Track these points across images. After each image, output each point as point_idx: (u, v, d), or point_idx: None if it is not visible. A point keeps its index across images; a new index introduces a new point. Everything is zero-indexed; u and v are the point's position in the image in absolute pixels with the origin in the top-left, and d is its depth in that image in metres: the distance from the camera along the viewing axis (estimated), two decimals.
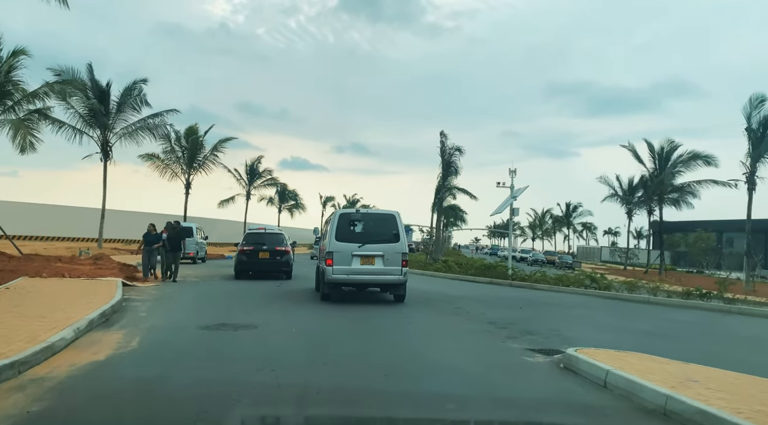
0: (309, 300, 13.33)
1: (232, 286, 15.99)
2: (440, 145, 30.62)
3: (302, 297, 13.93)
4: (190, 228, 26.65)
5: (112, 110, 30.67)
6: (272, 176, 51.87)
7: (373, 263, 11.82)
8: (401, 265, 11.94)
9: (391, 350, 7.43)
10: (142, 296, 12.32)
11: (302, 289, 16.08)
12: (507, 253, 72.93)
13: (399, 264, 11.90)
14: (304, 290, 15.88)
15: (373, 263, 11.82)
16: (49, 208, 44.39)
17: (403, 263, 11.97)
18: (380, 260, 11.83)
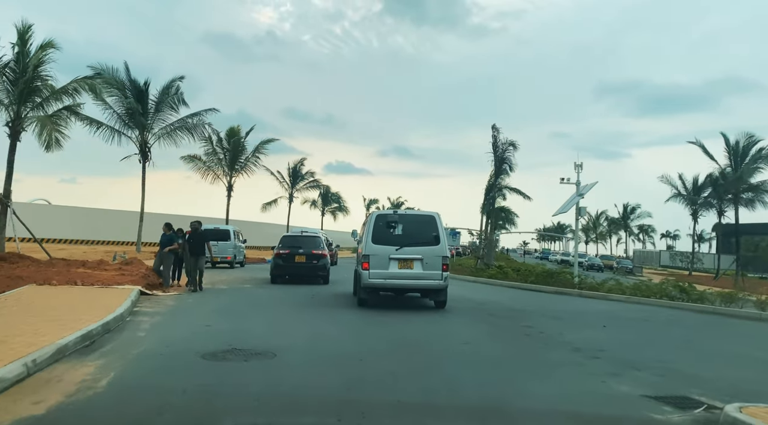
0: (344, 309, 11.46)
1: (262, 294, 14.17)
2: (492, 140, 28.25)
3: (337, 306, 12.04)
4: (226, 231, 25.21)
5: (151, 109, 29.68)
6: (315, 178, 50.48)
7: (411, 267, 11.10)
8: (441, 269, 11.17)
9: (453, 393, 5.27)
10: (155, 308, 10.58)
11: (338, 295, 14.38)
12: (561, 257, 69.20)
13: (439, 268, 11.14)
14: (340, 296, 14.19)
15: (411, 267, 11.10)
16: (98, 212, 44.37)
17: (444, 268, 11.18)
18: (419, 264, 11.09)
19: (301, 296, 13.89)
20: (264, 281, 18.71)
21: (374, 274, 11.12)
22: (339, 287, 17.19)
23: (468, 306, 12.87)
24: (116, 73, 28.37)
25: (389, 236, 11.31)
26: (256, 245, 56.15)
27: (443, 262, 11.23)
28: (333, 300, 13.35)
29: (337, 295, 14.73)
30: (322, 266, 17.39)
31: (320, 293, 15.20)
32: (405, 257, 11.10)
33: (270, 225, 56.90)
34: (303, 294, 14.48)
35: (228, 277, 19.48)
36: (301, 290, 15.61)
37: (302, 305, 12.23)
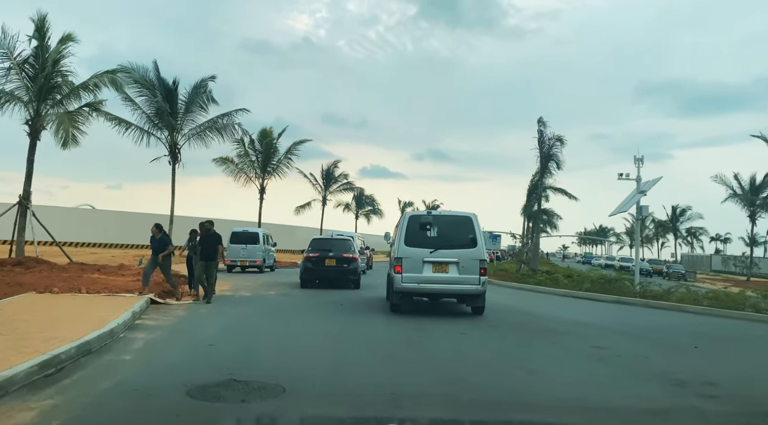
0: (375, 320, 9.90)
1: (286, 303, 12.64)
2: (538, 135, 26.09)
3: (368, 315, 10.54)
4: (255, 234, 23.95)
5: (180, 109, 28.74)
6: (348, 180, 49.06)
7: (446, 271, 10.43)
8: (479, 273, 10.46)
9: None
10: (160, 320, 9.15)
11: (370, 302, 13.05)
12: (605, 261, 65.72)
13: (476, 273, 10.44)
14: (372, 303, 12.86)
15: (446, 271, 10.43)
16: (137, 216, 43.99)
17: (481, 272, 10.48)
18: (455, 268, 10.43)
19: (328, 305, 12.32)
20: (292, 286, 17.26)
21: (407, 278, 10.47)
22: (371, 292, 15.95)
23: (520, 320, 11.03)
24: (146, 73, 27.60)
25: (423, 238, 10.62)
26: (289, 249, 55.18)
27: (481, 266, 10.47)
28: (364, 309, 11.84)
29: (369, 302, 13.23)
30: (353, 270, 16.65)
31: (350, 299, 13.67)
32: (440, 260, 10.41)
33: (303, 229, 55.83)
34: (331, 302, 12.91)
35: (254, 282, 18.10)
36: (329, 297, 14.07)
37: (328, 315, 10.64)
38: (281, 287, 16.89)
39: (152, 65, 27.77)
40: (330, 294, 15.12)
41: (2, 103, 17.17)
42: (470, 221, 10.73)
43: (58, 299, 10.10)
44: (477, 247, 10.53)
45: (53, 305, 9.25)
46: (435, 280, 10.45)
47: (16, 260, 16.02)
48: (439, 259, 10.43)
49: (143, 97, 27.82)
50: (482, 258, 10.58)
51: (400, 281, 10.52)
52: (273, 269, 26.40)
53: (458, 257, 10.42)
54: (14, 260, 16.04)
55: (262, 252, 23.99)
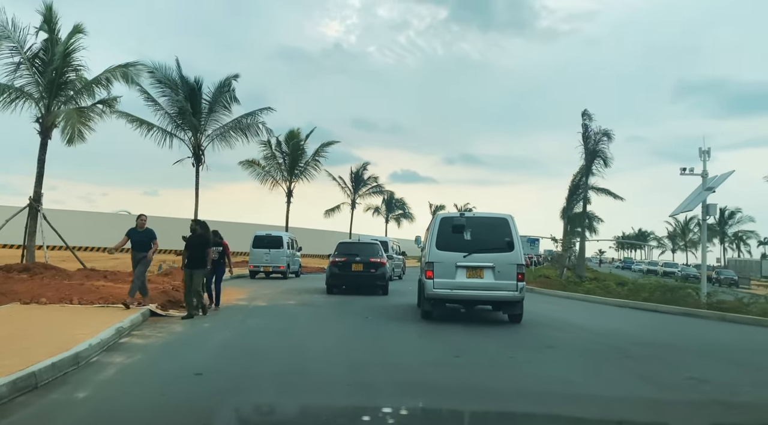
0: (405, 334, 8.21)
1: (304, 315, 11.05)
2: (582, 129, 23.90)
3: (396, 329, 8.92)
4: (279, 238, 22.54)
5: (204, 109, 27.70)
6: (378, 183, 47.52)
7: (481, 277, 9.84)
8: (516, 279, 9.80)
9: None
10: (151, 337, 7.67)
11: (399, 311, 12.18)
12: (646, 267, 62.01)
13: (513, 278, 9.79)
14: (401, 312, 12.02)
15: (481, 277, 9.84)
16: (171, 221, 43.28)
17: (519, 277, 9.83)
18: (490, 273, 9.83)
19: (351, 317, 10.72)
20: (315, 293, 15.75)
21: (439, 284, 9.85)
22: (400, 299, 14.89)
23: (582, 338, 9.16)
24: (169, 73, 26.66)
25: (456, 242, 9.98)
26: (317, 254, 53.98)
27: (518, 271, 9.81)
28: (392, 320, 10.40)
29: (398, 311, 11.87)
30: (381, 275, 15.91)
31: (377, 309, 12.18)
32: (474, 265, 9.79)
33: (332, 233, 54.59)
34: (355, 313, 11.33)
35: (275, 290, 16.63)
36: (354, 306, 12.51)
37: (351, 331, 9.03)
38: (303, 294, 15.36)
39: (174, 64, 26.85)
40: (355, 302, 13.55)
41: (12, 100, 16.21)
42: (506, 223, 10.09)
43: (41, 311, 8.76)
44: (514, 251, 9.86)
45: (29, 319, 7.89)
46: (469, 286, 9.80)
47: (23, 266, 14.94)
48: (473, 263, 9.77)
49: (165, 98, 26.94)
50: (520, 263, 9.88)
51: (432, 287, 9.88)
52: (298, 274, 24.97)
53: (494, 261, 9.77)
54: (21, 266, 14.97)
55: (287, 257, 22.57)
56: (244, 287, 17.43)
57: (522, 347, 7.96)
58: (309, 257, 51.05)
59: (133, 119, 25.99)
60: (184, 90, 27.15)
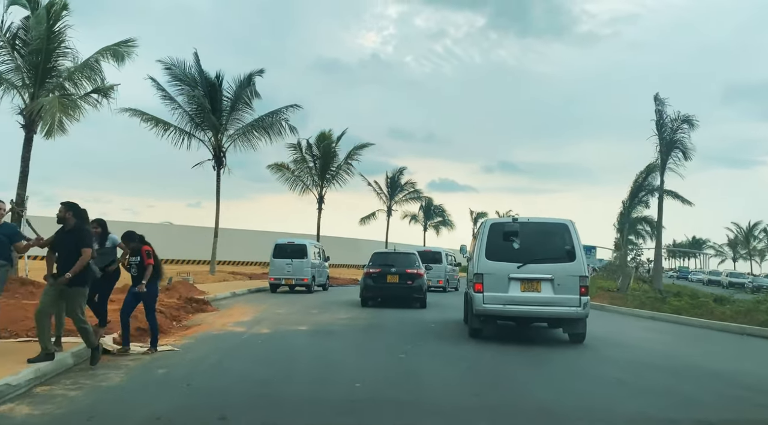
0: (454, 359, 4.87)
1: (312, 350, 7.98)
2: (656, 116, 20.01)
3: (441, 352, 5.67)
4: (302, 246, 19.69)
5: (225, 108, 25.30)
6: (416, 188, 44.39)
7: (538, 290, 8.64)
8: (579, 293, 8.51)
9: None
10: (54, 401, 4.79)
11: (441, 330, 10.63)
12: (708, 277, 56.03)
13: (575, 292, 8.53)
14: (445, 333, 10.34)
15: (538, 290, 8.64)
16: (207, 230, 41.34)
17: (582, 291, 8.53)
18: (548, 286, 8.62)
19: (377, 354, 7.67)
20: (339, 312, 12.86)
21: (490, 298, 8.83)
22: (441, 314, 13.47)
23: (727, 396, 5.79)
24: (188, 69, 24.41)
25: (508, 251, 8.96)
26: (352, 264, 51.13)
27: (581, 283, 8.68)
28: (434, 335, 9.16)
29: (441, 331, 10.36)
30: (418, 287, 14.94)
31: (414, 330, 10.02)
32: (530, 277, 8.80)
33: (367, 242, 51.72)
34: (384, 345, 8.33)
35: (290, 308, 13.71)
36: (385, 332, 9.67)
37: (373, 380, 5.92)
38: (323, 314, 12.39)
39: (193, 58, 24.56)
40: (388, 324, 10.86)
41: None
42: (566, 229, 9.02)
43: None
44: (576, 260, 8.76)
45: None
46: (524, 301, 8.75)
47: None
48: (528, 275, 8.77)
49: (183, 96, 24.71)
50: (583, 274, 8.72)
51: (482, 302, 8.84)
52: (326, 287, 22.03)
53: (552, 272, 8.72)
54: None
55: (312, 268, 19.68)
56: (257, 304, 14.61)
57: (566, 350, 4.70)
58: (342, 267, 48.28)
59: (148, 117, 23.85)
60: (204, 86, 24.86)
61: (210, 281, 22.66)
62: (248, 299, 16.50)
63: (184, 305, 12.38)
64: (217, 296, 16.06)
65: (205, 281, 22.31)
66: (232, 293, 17.63)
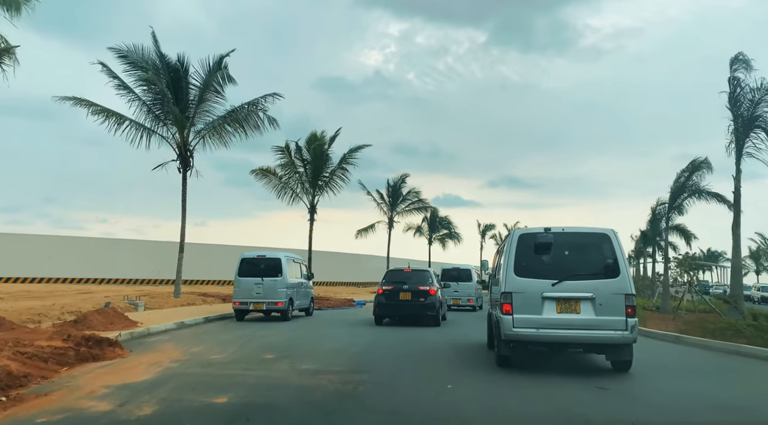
0: None
1: None
2: (729, 86, 15.53)
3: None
4: (275, 261, 15.35)
5: (193, 99, 21.18)
6: (420, 198, 39.99)
7: (577, 311, 7.44)
8: (625, 314, 7.33)
9: None
10: None
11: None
12: (752, 292, 50.79)
13: (621, 312, 7.34)
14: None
15: (577, 311, 7.44)
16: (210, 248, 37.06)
17: (629, 311, 7.35)
18: (589, 306, 7.43)
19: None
20: (311, 355, 8.40)
21: (520, 321, 7.46)
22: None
23: None
24: (147, 53, 20.36)
25: (541, 266, 7.71)
26: (351, 281, 46.63)
27: (627, 303, 7.31)
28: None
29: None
30: (431, 304, 14.50)
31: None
32: (567, 295, 7.42)
33: (369, 257, 47.44)
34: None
35: (234, 352, 9.30)
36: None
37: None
38: (279, 363, 8.01)
39: (151, 40, 20.47)
40: (381, 374, 6.31)
41: None
42: (607, 239, 7.72)
43: None
44: (620, 276, 7.46)
45: None
46: (561, 324, 7.38)
47: None
48: (565, 294, 7.45)
49: (142, 86, 20.63)
50: (629, 292, 7.39)
51: (511, 326, 7.49)
52: (309, 312, 17.60)
53: (593, 290, 7.41)
54: None
55: (288, 289, 15.32)
56: (194, 344, 10.23)
57: None
58: (339, 285, 43.82)
59: (97, 109, 19.73)
60: (165, 73, 20.74)
61: (169, 306, 18.32)
62: (195, 333, 12.16)
63: (68, 350, 8.06)
64: (152, 330, 11.76)
65: (162, 306, 17.99)
66: (179, 323, 13.30)
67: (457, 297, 20.67)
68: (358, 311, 20.90)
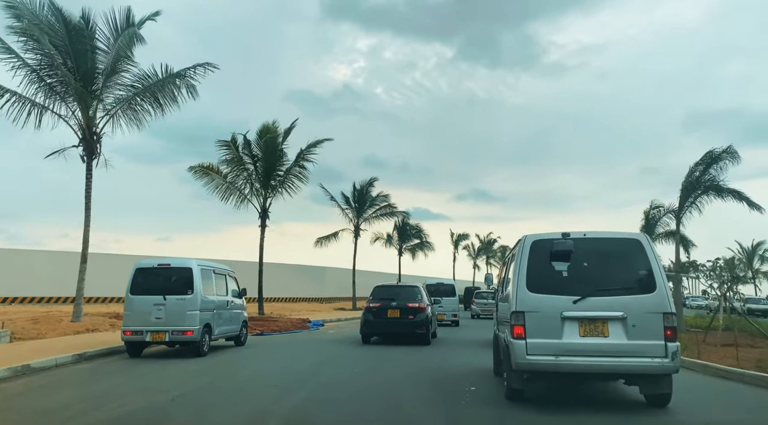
0: None
1: None
2: None
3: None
4: (185, 271, 10.85)
5: (101, 69, 16.57)
6: (389, 202, 35.83)
7: (604, 334, 6.07)
8: (664, 336, 5.95)
9: None
10: None
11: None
12: (706, 302, 48.21)
13: (659, 336, 5.97)
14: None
15: (604, 334, 6.07)
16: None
17: (668, 334, 5.95)
18: (619, 328, 6.06)
19: None
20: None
21: (536, 347, 6.10)
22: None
23: None
24: (39, 9, 15.72)
25: (559, 279, 6.39)
26: (315, 297, 41.96)
27: (666, 324, 5.97)
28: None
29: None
30: (420, 322, 13.58)
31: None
32: (592, 315, 6.12)
33: (333, 269, 42.98)
34: None
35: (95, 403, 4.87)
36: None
37: None
38: None
39: None
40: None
41: None
42: (639, 246, 6.36)
43: None
44: (656, 290, 6.09)
45: None
46: (585, 350, 6.02)
47: None
48: (590, 313, 6.12)
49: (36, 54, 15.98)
50: (668, 310, 5.99)
51: (524, 353, 6.12)
52: (242, 340, 13.04)
53: (624, 308, 6.07)
54: None
55: (203, 311, 10.82)
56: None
57: None
58: (300, 301, 39.12)
59: None
60: (64, 36, 16.19)
61: (54, 334, 13.62)
62: (23, 390, 7.57)
63: None
64: None
65: (44, 335, 13.36)
66: (25, 366, 8.72)
67: (441, 312, 20.41)
68: (313, 336, 16.50)
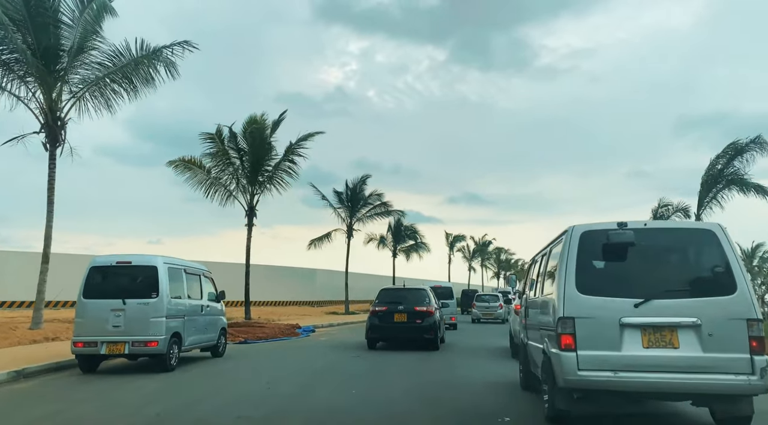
0: None
1: None
2: None
3: None
4: (149, 270, 9.12)
5: (70, 47, 14.82)
6: (383, 200, 34.19)
7: (674, 345, 4.86)
8: (749, 349, 4.74)
9: None
10: None
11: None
12: None
13: (743, 347, 4.76)
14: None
15: (674, 345, 4.86)
16: None
17: (753, 345, 4.72)
18: (692, 337, 4.85)
19: None
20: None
21: (590, 360, 4.92)
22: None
23: None
24: None
25: (616, 278, 5.22)
26: (306, 300, 40.18)
27: (751, 333, 4.73)
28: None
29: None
30: (428, 326, 13.12)
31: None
32: (658, 322, 4.89)
33: (325, 272, 41.28)
34: None
35: None
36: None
37: None
38: None
39: None
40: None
41: None
42: (714, 238, 5.09)
43: None
44: (737, 292, 4.85)
45: None
46: (651, 364, 4.82)
47: None
48: (656, 319, 4.89)
49: None
50: (753, 316, 4.76)
51: (575, 368, 4.93)
52: (219, 351, 11.32)
53: (698, 314, 4.83)
54: None
55: (171, 318, 9.12)
56: None
57: None
58: (291, 305, 37.34)
59: None
60: (20, 8, 14.43)
61: (5, 344, 11.84)
62: None
63: None
64: None
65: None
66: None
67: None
68: (303, 344, 14.82)
